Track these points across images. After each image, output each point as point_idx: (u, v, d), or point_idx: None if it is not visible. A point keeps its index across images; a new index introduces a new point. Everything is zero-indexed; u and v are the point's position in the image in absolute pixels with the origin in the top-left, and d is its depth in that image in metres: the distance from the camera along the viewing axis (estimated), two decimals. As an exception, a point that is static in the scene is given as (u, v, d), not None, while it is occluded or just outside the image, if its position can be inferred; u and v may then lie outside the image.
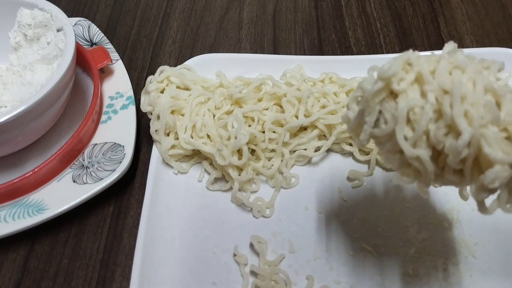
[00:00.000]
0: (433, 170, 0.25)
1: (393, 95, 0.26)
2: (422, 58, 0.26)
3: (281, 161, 0.42)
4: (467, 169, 0.24)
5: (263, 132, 0.42)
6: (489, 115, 0.23)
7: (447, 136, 0.24)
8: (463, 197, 0.29)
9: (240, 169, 0.41)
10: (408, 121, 0.25)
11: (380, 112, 0.27)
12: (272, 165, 0.42)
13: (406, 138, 0.25)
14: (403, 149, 0.25)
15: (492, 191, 0.24)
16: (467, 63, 0.25)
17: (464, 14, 0.56)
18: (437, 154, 0.25)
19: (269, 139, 0.42)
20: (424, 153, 0.25)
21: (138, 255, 0.36)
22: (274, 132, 0.42)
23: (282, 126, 0.42)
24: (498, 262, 0.36)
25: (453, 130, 0.24)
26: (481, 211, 0.26)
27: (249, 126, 0.42)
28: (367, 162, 0.42)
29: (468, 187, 0.26)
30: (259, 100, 0.44)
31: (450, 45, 0.27)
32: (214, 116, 0.43)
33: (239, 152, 0.40)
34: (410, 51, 0.27)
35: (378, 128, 0.27)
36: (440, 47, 0.52)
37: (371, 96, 0.26)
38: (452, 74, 0.25)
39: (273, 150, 0.42)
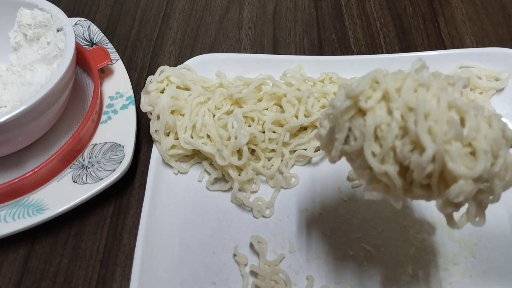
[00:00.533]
0: (401, 185, 0.26)
1: (362, 112, 0.27)
2: (389, 76, 0.26)
3: (281, 161, 0.42)
4: (433, 184, 0.25)
5: (263, 132, 0.42)
6: (452, 131, 0.24)
7: (412, 152, 0.25)
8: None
9: (240, 169, 0.41)
10: (376, 138, 0.26)
11: (350, 129, 0.27)
12: (272, 165, 0.42)
13: (374, 155, 0.26)
14: (371, 165, 0.26)
15: (458, 205, 0.25)
16: (432, 80, 0.26)
17: (464, 14, 0.56)
18: (405, 170, 0.26)
19: (269, 139, 0.42)
20: (391, 168, 0.25)
21: (138, 255, 0.36)
22: (274, 132, 0.42)
23: (282, 126, 0.42)
24: (498, 262, 0.36)
25: (418, 146, 0.24)
26: (450, 225, 0.26)
27: (249, 126, 0.42)
28: (367, 162, 0.42)
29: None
30: (259, 100, 0.44)
31: (417, 63, 0.28)
32: (214, 116, 0.43)
33: (239, 152, 0.40)
34: (378, 69, 0.27)
35: (348, 144, 0.27)
36: (440, 47, 0.53)
37: (340, 114, 0.27)
38: (417, 92, 0.25)
39: (273, 150, 0.42)
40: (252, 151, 0.42)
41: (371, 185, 0.27)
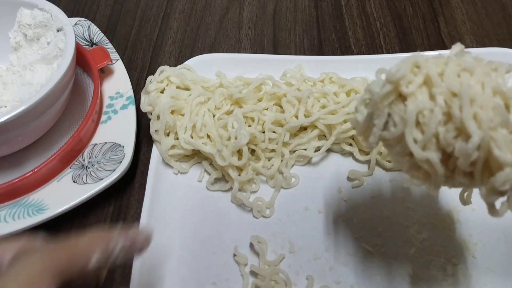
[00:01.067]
0: (443, 172, 0.25)
1: (402, 97, 0.26)
2: (430, 61, 0.26)
3: (281, 161, 0.42)
4: (477, 171, 0.24)
5: (263, 132, 0.42)
6: (498, 118, 0.23)
7: (456, 138, 0.24)
8: (464, 202, 0.29)
9: (240, 169, 0.41)
10: (417, 123, 0.25)
11: (389, 114, 0.26)
12: (272, 165, 0.42)
13: (415, 141, 0.25)
14: (413, 151, 0.25)
15: (502, 193, 0.24)
16: (475, 65, 0.25)
17: (464, 14, 0.56)
18: (447, 157, 0.25)
19: (269, 139, 0.42)
20: (434, 155, 0.25)
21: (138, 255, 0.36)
22: (274, 132, 0.42)
23: (282, 126, 0.42)
24: (498, 262, 0.36)
25: (462, 132, 0.24)
26: (491, 214, 0.26)
27: (249, 126, 0.42)
28: (367, 162, 0.42)
29: (476, 190, 0.26)
30: (259, 100, 0.44)
31: (457, 47, 0.27)
32: (214, 116, 0.43)
33: (239, 152, 0.40)
34: (418, 53, 0.26)
35: (387, 130, 0.27)
36: (440, 47, 0.53)
37: (379, 99, 0.26)
38: (461, 77, 0.25)
39: (273, 150, 0.42)
40: (252, 151, 0.42)
41: (410, 173, 0.27)
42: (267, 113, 0.43)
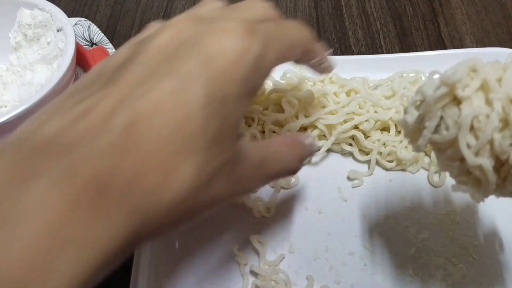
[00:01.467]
0: (495, 180, 0.25)
1: (456, 101, 0.25)
2: (488, 66, 0.25)
3: None
4: None
5: (263, 132, 0.42)
6: None
7: None
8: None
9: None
10: (471, 128, 0.24)
11: (441, 118, 0.26)
12: None
13: (469, 146, 0.25)
14: (466, 157, 0.24)
15: None
16: None
17: (464, 14, 0.56)
18: (500, 164, 0.25)
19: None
20: (487, 162, 0.24)
21: (138, 255, 0.36)
22: (274, 132, 0.42)
23: (283, 126, 0.42)
24: (498, 262, 0.36)
25: None
26: None
27: (249, 126, 0.42)
28: (367, 162, 0.42)
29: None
30: (259, 100, 0.44)
31: None
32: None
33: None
34: (475, 57, 0.26)
35: (438, 134, 0.26)
36: (440, 47, 0.53)
37: (433, 101, 0.26)
38: None
39: None
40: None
41: (459, 178, 0.26)
42: (267, 113, 0.43)
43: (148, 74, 0.21)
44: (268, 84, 0.45)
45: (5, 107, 0.44)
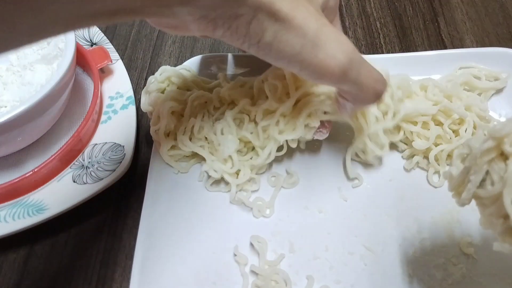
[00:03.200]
0: None
1: (503, 156, 0.25)
2: None
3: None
4: None
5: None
6: None
7: None
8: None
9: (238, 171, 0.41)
10: None
11: (487, 172, 0.25)
12: (270, 153, 0.40)
13: None
14: (510, 214, 0.24)
15: None
16: None
17: (464, 14, 0.56)
18: None
19: (263, 128, 0.40)
20: None
21: (138, 255, 0.36)
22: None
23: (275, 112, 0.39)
24: (498, 262, 0.36)
25: None
26: None
27: (242, 123, 0.40)
28: (367, 162, 0.42)
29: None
30: (252, 98, 0.43)
31: None
32: (213, 116, 0.43)
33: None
34: None
35: (483, 188, 0.26)
36: (440, 47, 0.53)
37: (479, 154, 0.25)
38: None
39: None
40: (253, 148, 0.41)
41: (502, 237, 0.26)
42: (256, 108, 0.40)
43: None
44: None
45: (5, 107, 0.44)
